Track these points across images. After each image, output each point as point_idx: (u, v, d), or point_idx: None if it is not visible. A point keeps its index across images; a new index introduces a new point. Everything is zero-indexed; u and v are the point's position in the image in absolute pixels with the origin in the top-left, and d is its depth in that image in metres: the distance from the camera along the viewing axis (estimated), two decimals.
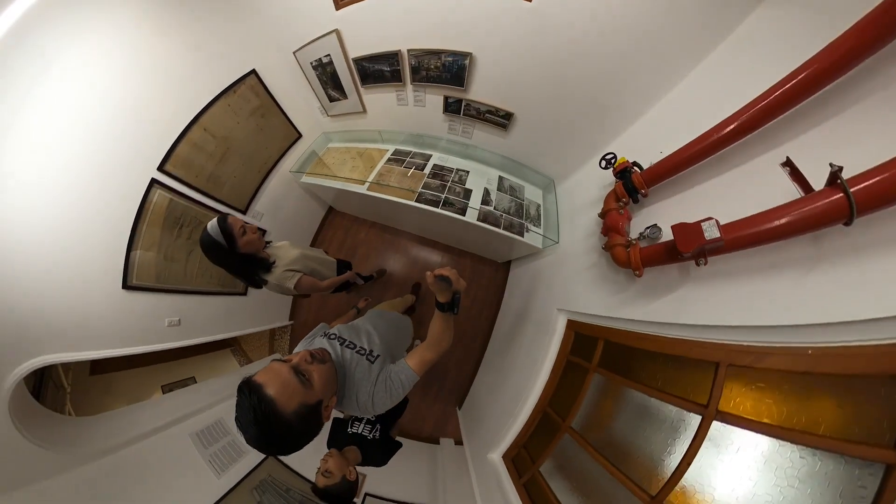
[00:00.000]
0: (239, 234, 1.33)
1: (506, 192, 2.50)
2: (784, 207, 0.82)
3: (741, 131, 1.04)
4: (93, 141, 1.51)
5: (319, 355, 0.86)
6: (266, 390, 0.70)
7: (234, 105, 2.05)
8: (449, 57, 1.89)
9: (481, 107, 2.15)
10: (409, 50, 1.94)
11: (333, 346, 1.05)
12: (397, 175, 2.42)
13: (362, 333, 1.16)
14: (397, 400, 0.97)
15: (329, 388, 0.85)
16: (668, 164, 1.26)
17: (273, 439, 0.71)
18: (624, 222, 1.42)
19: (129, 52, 1.55)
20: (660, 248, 1.17)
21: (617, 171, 1.47)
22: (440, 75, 2.02)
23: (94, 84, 1.47)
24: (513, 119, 2.13)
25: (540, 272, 2.43)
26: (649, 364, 1.34)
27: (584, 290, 1.79)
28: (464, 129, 2.43)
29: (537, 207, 2.50)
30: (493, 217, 2.30)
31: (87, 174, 1.52)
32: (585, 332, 1.79)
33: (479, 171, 2.56)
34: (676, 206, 1.31)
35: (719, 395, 1.06)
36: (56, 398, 1.64)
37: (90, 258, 1.57)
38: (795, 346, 0.84)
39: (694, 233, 0.95)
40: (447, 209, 2.26)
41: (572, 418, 1.70)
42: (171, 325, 1.83)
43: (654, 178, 1.34)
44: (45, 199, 1.41)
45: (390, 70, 2.12)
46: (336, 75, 2.24)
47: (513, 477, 1.87)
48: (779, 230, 0.82)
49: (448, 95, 2.16)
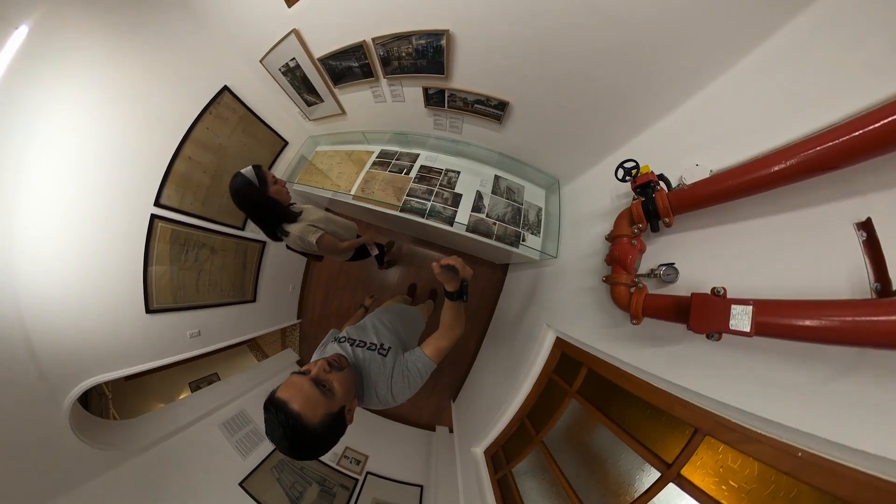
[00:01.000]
0: (271, 181, 1.41)
1: (502, 194, 2.28)
2: (844, 307, 0.62)
3: (818, 165, 0.72)
4: (89, 189, 1.65)
5: (336, 362, 0.90)
6: (291, 406, 0.73)
7: (213, 127, 2.08)
8: (421, 39, 1.61)
9: (468, 96, 1.87)
10: (373, 39, 1.71)
11: (345, 348, 1.08)
12: (382, 181, 2.31)
13: (370, 330, 1.20)
14: (416, 389, 0.99)
15: (349, 393, 0.88)
16: (709, 190, 0.96)
17: (304, 449, 0.77)
18: (634, 256, 1.19)
19: (100, 100, 1.61)
20: (669, 302, 0.98)
21: (637, 186, 1.18)
22: (415, 63, 1.76)
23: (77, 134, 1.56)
24: (508, 109, 1.84)
25: (536, 282, 2.30)
26: (627, 403, 1.31)
27: (576, 313, 1.67)
28: (451, 123, 2.19)
29: (538, 212, 2.27)
30: (485, 226, 2.12)
31: (90, 221, 1.68)
32: (571, 354, 1.74)
33: (472, 170, 2.34)
34: (703, 244, 1.06)
35: (686, 460, 1.02)
36: (100, 404, 2.10)
37: (114, 293, 1.81)
38: (786, 444, 0.75)
39: (717, 313, 0.76)
40: (434, 219, 2.12)
41: (545, 433, 1.77)
42: (193, 336, 2.14)
43: (685, 204, 1.04)
44: (67, 247, 1.62)
45: (359, 65, 1.93)
46: (307, 79, 2.12)
47: (489, 472, 2.04)
48: (827, 334, 0.62)
49: (428, 86, 1.91)
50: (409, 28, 1.57)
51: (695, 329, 0.80)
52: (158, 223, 1.96)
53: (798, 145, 0.77)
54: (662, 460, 1.10)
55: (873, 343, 0.58)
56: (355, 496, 2.14)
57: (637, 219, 1.18)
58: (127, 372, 1.85)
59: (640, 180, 1.17)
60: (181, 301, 2.10)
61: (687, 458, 1.02)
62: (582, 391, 1.62)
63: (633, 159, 1.27)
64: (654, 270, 1.10)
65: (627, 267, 1.18)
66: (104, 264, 1.77)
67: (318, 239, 1.54)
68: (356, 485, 2.21)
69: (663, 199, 1.09)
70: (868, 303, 0.60)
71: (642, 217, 1.16)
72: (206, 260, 2.19)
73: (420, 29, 1.55)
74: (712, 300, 0.78)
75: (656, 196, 1.12)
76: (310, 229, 1.54)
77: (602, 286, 1.41)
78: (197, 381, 2.46)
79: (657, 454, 1.13)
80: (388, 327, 1.25)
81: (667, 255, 1.14)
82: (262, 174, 1.37)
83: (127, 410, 2.09)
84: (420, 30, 1.56)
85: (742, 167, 0.89)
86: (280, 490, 2.06)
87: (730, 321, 0.73)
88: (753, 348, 0.81)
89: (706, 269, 1.01)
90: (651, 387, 1.15)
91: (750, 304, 0.71)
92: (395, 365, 1.01)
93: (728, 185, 0.90)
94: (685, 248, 1.12)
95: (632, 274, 1.18)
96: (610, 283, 1.23)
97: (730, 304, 0.74)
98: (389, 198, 2.20)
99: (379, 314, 1.40)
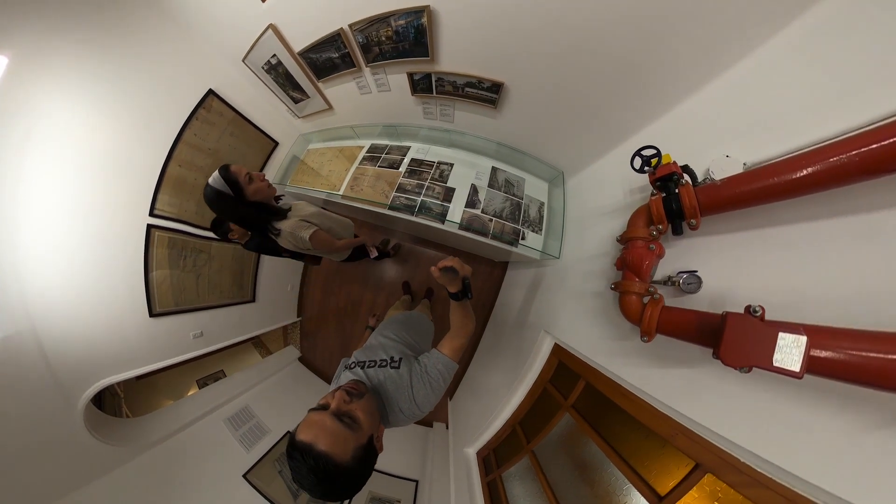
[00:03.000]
0: (245, 182, 1.24)
1: (500, 187, 2.11)
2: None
3: (882, 165, 0.58)
4: (87, 205, 1.71)
5: (355, 389, 0.84)
6: (318, 448, 0.68)
7: (200, 133, 2.07)
8: (400, 20, 1.48)
9: (458, 79, 1.71)
10: (350, 25, 1.59)
11: (357, 373, 1.03)
12: (371, 177, 2.22)
13: (377, 347, 1.14)
14: (441, 392, 0.95)
15: (375, 420, 0.83)
16: (748, 188, 0.78)
17: (341, 490, 0.71)
18: (651, 262, 1.02)
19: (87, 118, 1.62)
20: (691, 319, 0.82)
21: (657, 179, 1.01)
22: (396, 47, 1.63)
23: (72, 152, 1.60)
24: (503, 91, 1.66)
25: (536, 282, 2.17)
26: (625, 424, 1.22)
27: (578, 321, 1.54)
28: (442, 111, 2.04)
29: (539, 207, 2.10)
30: (480, 223, 1.98)
31: (91, 235, 1.74)
32: (569, 364, 1.65)
33: (467, 162, 2.19)
34: (732, 250, 0.89)
35: (681, 496, 0.96)
36: (113, 404, 2.25)
37: (119, 300, 1.90)
38: (796, 494, 0.67)
39: (757, 342, 0.60)
40: (425, 216, 2.01)
41: (536, 443, 1.72)
42: (196, 337, 2.23)
43: (716, 203, 0.86)
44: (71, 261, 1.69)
45: (339, 56, 1.81)
46: (290, 75, 2.04)
47: (481, 474, 2.04)
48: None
49: (413, 71, 1.76)
50: (385, 9, 1.44)
51: (726, 360, 0.64)
52: (155, 231, 2.00)
53: (863, 136, 0.61)
54: (655, 492, 1.04)
55: None
56: None
57: (657, 218, 1.00)
58: (134, 373, 1.96)
59: (662, 172, 0.99)
60: (182, 304, 2.18)
61: (682, 493, 0.95)
62: (577, 405, 1.53)
63: (654, 146, 1.09)
64: (671, 278, 0.94)
65: (642, 274, 1.03)
66: (107, 274, 1.84)
67: (311, 235, 1.45)
68: None
69: (690, 195, 0.90)
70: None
71: (663, 217, 0.97)
72: (204, 264, 2.25)
73: (398, 8, 1.41)
74: (752, 324, 0.62)
75: (681, 192, 0.93)
76: (302, 224, 1.45)
77: (609, 292, 1.26)
78: (204, 378, 2.61)
79: (650, 485, 1.07)
80: (394, 339, 1.20)
81: (687, 261, 0.99)
82: (231, 177, 1.22)
83: (139, 408, 2.25)
84: (398, 9, 1.41)
85: (789, 161, 0.71)
86: (281, 482, 2.15)
87: (774, 355, 0.57)
88: (785, 382, 0.69)
89: (734, 280, 0.86)
90: (654, 411, 1.05)
91: (803, 335, 0.55)
92: (411, 373, 0.96)
93: (772, 182, 0.72)
94: (709, 254, 0.95)
95: (646, 282, 1.03)
96: (620, 290, 1.08)
97: (776, 330, 0.58)
98: (378, 195, 2.11)
99: (382, 329, 1.34)
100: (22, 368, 1.55)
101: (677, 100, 1.25)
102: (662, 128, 1.32)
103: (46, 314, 1.63)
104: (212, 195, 1.23)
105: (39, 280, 1.61)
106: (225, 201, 1.24)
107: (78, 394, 1.76)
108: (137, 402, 2.35)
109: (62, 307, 1.69)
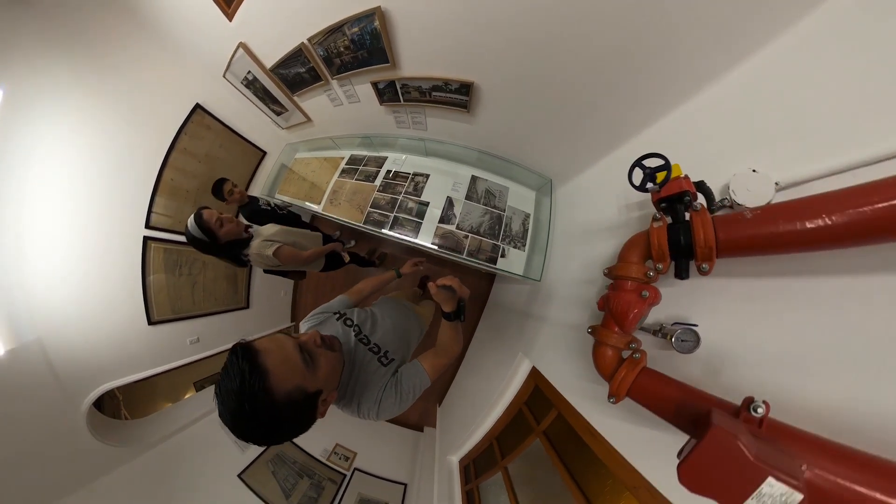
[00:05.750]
0: (217, 228, 1.43)
1: (478, 199, 1.99)
2: None
3: None
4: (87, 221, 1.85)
5: (329, 342, 0.79)
6: (263, 359, 0.60)
7: (190, 147, 2.18)
8: (354, 28, 1.43)
9: (423, 84, 1.63)
10: (309, 39, 1.58)
11: (347, 335, 0.98)
12: (348, 191, 2.22)
13: (379, 326, 1.08)
14: (406, 407, 0.89)
15: (332, 380, 0.77)
16: (790, 226, 0.54)
17: (251, 420, 0.58)
18: (640, 311, 0.80)
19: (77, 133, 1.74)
20: (671, 394, 0.67)
21: (663, 199, 0.77)
22: (356, 56, 1.59)
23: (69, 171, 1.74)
24: (473, 92, 1.53)
25: (518, 301, 2.09)
26: (591, 463, 1.17)
27: (553, 352, 1.43)
28: (413, 119, 1.99)
29: (524, 219, 1.95)
30: (454, 240, 1.88)
31: (90, 249, 1.88)
32: (544, 391, 1.59)
33: (445, 172, 2.09)
34: (752, 304, 0.68)
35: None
36: (112, 406, 2.40)
37: (119, 308, 2.04)
38: None
39: (734, 476, 0.44)
40: (398, 230, 1.96)
41: (509, 462, 1.72)
42: (193, 343, 2.35)
43: (740, 244, 0.63)
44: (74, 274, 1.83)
45: (306, 70, 1.83)
46: (267, 90, 2.10)
47: (461, 482, 2.06)
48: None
49: (376, 80, 1.71)
50: (337, 18, 1.41)
51: (683, 479, 0.49)
52: (151, 244, 2.13)
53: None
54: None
55: None
56: (342, 491, 2.26)
57: (657, 254, 0.76)
58: (134, 378, 2.09)
59: (670, 190, 0.75)
60: (179, 312, 2.30)
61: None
62: (549, 432, 1.50)
63: (661, 154, 0.86)
64: (663, 328, 0.78)
65: (625, 325, 0.82)
66: (107, 285, 1.98)
67: (275, 251, 1.56)
68: (343, 480, 2.33)
69: (706, 227, 0.66)
70: None
71: (665, 253, 0.74)
72: (199, 273, 2.36)
73: (348, 15, 1.37)
74: (736, 454, 0.44)
75: (693, 220, 0.69)
76: (265, 244, 1.57)
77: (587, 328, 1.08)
78: (201, 380, 2.75)
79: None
80: (398, 333, 1.12)
81: (686, 308, 0.79)
82: (205, 226, 1.41)
83: (137, 410, 2.40)
84: (348, 16, 1.37)
85: (863, 190, 0.49)
86: (275, 482, 2.23)
87: (747, 501, 0.42)
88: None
89: (742, 343, 0.67)
90: (621, 459, 0.96)
91: (800, 493, 0.40)
92: (391, 378, 0.91)
93: (835, 222, 0.49)
94: (715, 303, 0.75)
95: (628, 335, 0.84)
96: (596, 338, 0.89)
97: (765, 473, 0.41)
98: (353, 211, 2.11)
99: (393, 311, 1.24)
100: (29, 376, 1.71)
101: (685, 95, 1.03)
102: (666, 129, 1.12)
103: (51, 325, 1.77)
104: (189, 239, 1.45)
105: (44, 293, 1.75)
106: (201, 245, 1.44)
107: (81, 398, 1.90)
108: (136, 404, 2.51)
109: (65, 318, 1.83)
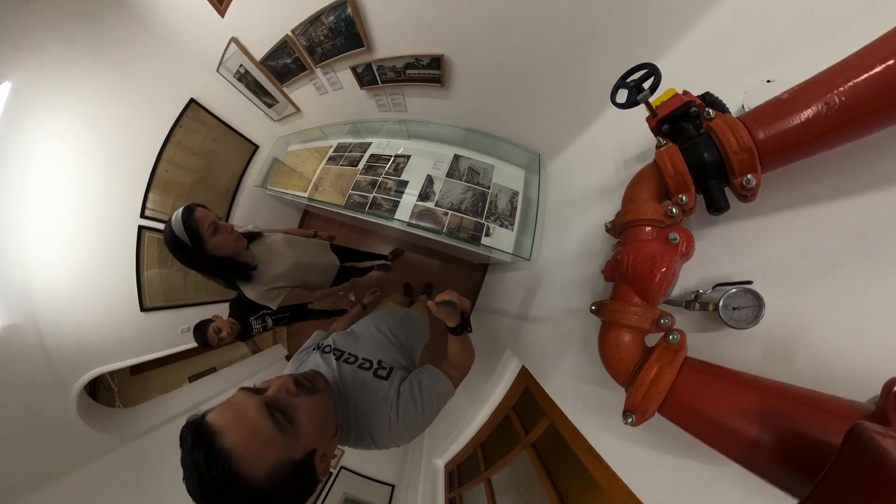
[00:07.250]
0: (208, 233, 1.05)
1: (461, 176, 1.96)
2: None
3: None
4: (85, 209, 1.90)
5: (309, 382, 0.64)
6: (222, 441, 0.47)
7: (185, 140, 2.29)
8: (330, 16, 1.54)
9: (396, 63, 1.69)
10: (292, 31, 1.71)
11: (328, 362, 0.83)
12: (333, 177, 2.32)
13: (362, 339, 0.94)
14: (431, 419, 0.75)
15: (326, 429, 0.62)
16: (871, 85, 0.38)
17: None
18: (671, 265, 0.55)
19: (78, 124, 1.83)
20: (745, 397, 0.42)
21: (662, 120, 0.62)
22: (334, 43, 1.69)
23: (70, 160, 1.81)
24: (444, 65, 1.54)
25: (509, 288, 1.96)
26: (586, 488, 1.02)
27: (548, 346, 1.20)
28: (393, 100, 2.10)
29: (511, 197, 1.87)
30: (433, 217, 1.84)
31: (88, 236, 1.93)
32: (535, 395, 1.44)
33: (428, 153, 2.12)
34: (827, 237, 0.49)
35: None
36: (107, 397, 2.39)
37: (113, 294, 2.07)
38: None
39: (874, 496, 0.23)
40: (374, 213, 1.99)
41: (493, 473, 1.62)
42: (184, 332, 2.37)
43: (792, 138, 0.44)
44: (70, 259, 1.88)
45: (292, 61, 1.96)
46: (258, 83, 2.24)
47: (445, 488, 1.97)
48: None
49: (354, 65, 1.80)
50: (315, 8, 1.54)
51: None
52: (146, 232, 2.19)
53: None
54: None
55: None
56: (327, 489, 2.18)
57: (675, 184, 0.56)
58: (126, 363, 2.11)
59: (668, 107, 0.60)
60: (172, 300, 2.33)
61: None
62: (538, 445, 1.35)
63: (644, 63, 0.69)
64: (699, 296, 0.55)
65: (651, 292, 0.56)
66: (102, 270, 2.03)
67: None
68: (329, 477, 2.25)
69: (736, 127, 0.47)
70: None
71: (687, 179, 0.54)
72: None
73: (324, 6, 1.50)
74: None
75: (714, 126, 0.50)
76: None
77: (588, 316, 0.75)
78: (196, 375, 2.72)
79: None
80: (388, 336, 0.98)
81: (728, 266, 0.57)
82: (193, 228, 1.02)
83: (131, 402, 2.37)
84: (324, 6, 1.50)
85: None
86: None
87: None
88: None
89: (821, 310, 0.47)
90: (624, 487, 0.79)
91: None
92: (401, 387, 0.77)
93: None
94: (768, 249, 0.53)
95: (654, 308, 0.57)
96: (603, 318, 0.63)
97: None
98: (335, 195, 2.18)
99: (374, 319, 1.10)
100: (23, 355, 1.72)
101: (683, 26, 0.92)
102: (669, 65, 0.90)
103: (47, 306, 1.81)
104: (168, 239, 1.04)
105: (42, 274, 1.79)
106: (181, 250, 1.04)
107: (72, 381, 1.91)
108: (130, 397, 2.48)
109: (61, 300, 1.86)
